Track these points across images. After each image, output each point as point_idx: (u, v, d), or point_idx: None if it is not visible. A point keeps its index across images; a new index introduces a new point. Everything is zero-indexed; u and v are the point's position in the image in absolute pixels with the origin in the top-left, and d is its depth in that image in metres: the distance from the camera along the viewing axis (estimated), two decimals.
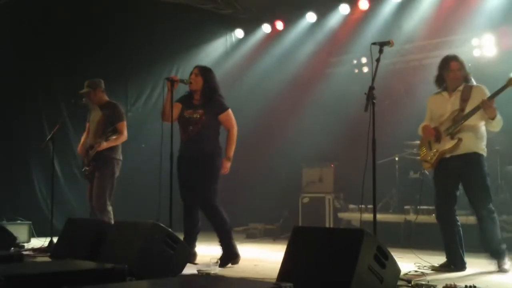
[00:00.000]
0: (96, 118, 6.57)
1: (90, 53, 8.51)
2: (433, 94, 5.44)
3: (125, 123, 6.51)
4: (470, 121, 5.06)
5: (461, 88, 5.18)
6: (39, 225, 7.59)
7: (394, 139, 7.86)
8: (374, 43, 4.63)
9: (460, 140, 5.06)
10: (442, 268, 5.12)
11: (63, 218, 6.67)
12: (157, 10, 8.96)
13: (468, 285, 3.88)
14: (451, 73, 5.19)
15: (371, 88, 4.46)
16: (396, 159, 7.94)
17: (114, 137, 6.33)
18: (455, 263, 5.14)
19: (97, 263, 4.22)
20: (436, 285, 4.02)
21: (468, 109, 5.05)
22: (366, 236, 3.51)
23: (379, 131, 4.48)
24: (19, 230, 7.22)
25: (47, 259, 5.48)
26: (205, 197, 5.50)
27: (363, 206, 6.58)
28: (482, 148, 5.13)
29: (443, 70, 5.25)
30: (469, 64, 7.43)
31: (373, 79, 4.53)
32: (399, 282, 3.92)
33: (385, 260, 3.58)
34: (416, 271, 4.89)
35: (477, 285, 3.87)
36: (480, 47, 8.14)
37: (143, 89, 9.42)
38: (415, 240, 6.88)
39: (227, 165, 5.57)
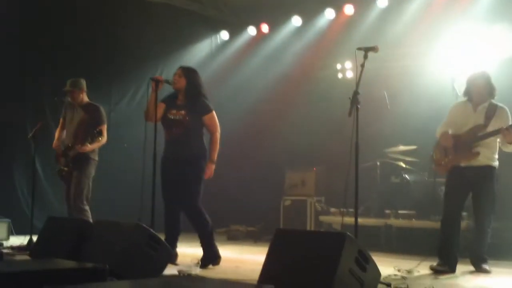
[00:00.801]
0: (76, 118, 6.55)
1: (74, 53, 8.45)
2: (459, 102, 5.71)
3: (105, 126, 6.55)
4: (488, 140, 5.35)
5: (486, 104, 5.44)
6: (19, 223, 7.52)
7: (376, 144, 7.92)
8: (359, 48, 4.67)
9: (478, 153, 5.34)
10: (441, 268, 5.26)
11: (43, 216, 6.61)
12: (142, 10, 8.93)
13: None
14: (476, 90, 5.46)
15: (356, 93, 4.50)
16: (378, 163, 7.99)
17: (99, 139, 6.34)
18: (453, 265, 5.32)
19: (77, 262, 4.19)
20: None
21: (490, 127, 5.32)
22: (347, 240, 3.55)
23: (362, 136, 4.52)
24: None
25: (26, 257, 5.43)
26: (188, 199, 5.50)
27: (344, 209, 6.64)
28: (495, 160, 5.45)
29: (471, 86, 5.51)
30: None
31: (357, 84, 4.57)
32: (379, 286, 3.95)
33: (366, 264, 3.62)
34: (396, 275, 4.93)
35: None
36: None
37: (127, 89, 9.37)
38: (396, 244, 6.94)
39: (211, 168, 5.55)
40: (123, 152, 8.71)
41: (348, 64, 9.31)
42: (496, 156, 5.44)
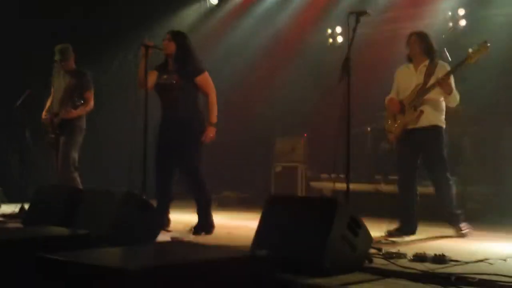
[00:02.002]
0: (63, 85, 6.52)
1: (60, 19, 8.32)
2: (401, 66, 5.63)
3: (92, 92, 6.50)
4: (431, 95, 5.29)
5: (426, 63, 5.38)
6: (10, 192, 7.50)
7: (367, 109, 7.92)
8: (351, 13, 4.62)
9: (421, 112, 5.28)
10: (396, 232, 5.33)
11: (34, 184, 6.60)
12: None
13: (438, 254, 3.96)
14: (410, 47, 5.44)
15: (347, 58, 4.47)
16: (369, 129, 8.01)
17: (82, 105, 6.29)
18: (409, 227, 5.40)
19: (70, 229, 4.19)
20: (406, 253, 4.10)
21: (430, 83, 5.26)
22: (339, 205, 3.56)
23: (353, 101, 4.50)
24: None
25: (18, 225, 5.43)
26: (189, 163, 5.47)
27: (335, 175, 6.65)
28: (442, 120, 5.40)
29: (407, 45, 5.48)
30: (443, 36, 7.53)
31: (349, 49, 4.53)
32: (371, 251, 3.99)
33: (358, 229, 3.64)
34: (386, 240, 4.98)
35: (446, 254, 3.96)
36: (453, 19, 8.21)
37: (115, 55, 9.27)
38: (386, 209, 6.99)
39: (212, 131, 5.49)
40: (113, 119, 8.66)
41: (339, 29, 9.24)
42: (443, 116, 5.40)
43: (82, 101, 6.29)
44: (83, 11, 8.57)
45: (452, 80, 5.26)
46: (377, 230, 5.34)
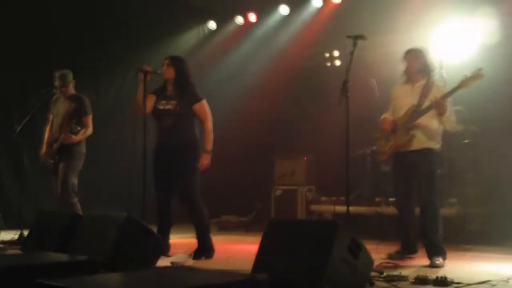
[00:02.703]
0: (63, 110, 6.55)
1: (59, 43, 8.37)
2: (397, 84, 5.51)
3: (91, 116, 6.54)
4: (425, 118, 5.14)
5: (423, 82, 5.24)
6: (9, 218, 7.46)
7: (366, 132, 7.93)
8: (348, 37, 4.66)
9: (413, 136, 5.16)
10: (397, 255, 5.28)
11: (33, 210, 6.59)
12: (128, 1, 8.86)
13: (440, 276, 3.94)
14: (409, 69, 5.29)
15: (346, 82, 4.50)
16: (368, 151, 8.01)
17: (81, 131, 6.34)
18: (410, 249, 5.35)
19: (69, 255, 4.17)
20: (407, 276, 4.09)
21: (425, 105, 5.12)
22: (339, 228, 3.55)
23: (352, 123, 4.52)
24: None
25: (18, 251, 5.40)
26: (185, 191, 5.47)
27: (335, 198, 6.66)
28: (435, 143, 5.24)
29: (405, 64, 5.34)
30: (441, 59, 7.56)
31: (347, 72, 4.56)
32: (372, 273, 3.97)
33: (358, 251, 3.62)
34: (388, 262, 4.95)
35: (448, 276, 3.94)
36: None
37: (113, 80, 9.31)
38: (386, 232, 6.96)
39: (206, 159, 5.50)
40: (112, 143, 8.66)
41: (336, 53, 9.31)
42: (437, 138, 5.24)
43: (80, 127, 6.31)
44: (82, 35, 8.60)
45: (448, 103, 5.11)
46: (378, 253, 5.32)
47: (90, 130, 6.51)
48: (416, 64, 5.25)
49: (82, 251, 4.22)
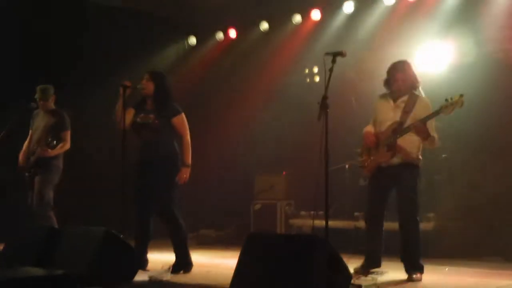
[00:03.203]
0: (41, 124, 6.58)
1: (40, 57, 8.33)
2: (380, 96, 5.50)
3: (69, 132, 6.58)
4: (407, 136, 5.14)
5: (405, 98, 5.23)
6: None
7: (345, 147, 7.99)
8: (327, 53, 4.70)
9: (394, 153, 5.17)
10: (363, 269, 5.26)
11: (8, 224, 6.50)
12: (108, 15, 8.85)
13: None
14: (395, 84, 5.27)
15: (324, 97, 4.54)
16: (347, 166, 8.07)
17: (59, 145, 6.39)
18: (373, 262, 5.32)
19: (46, 270, 4.14)
20: None
21: (408, 122, 5.11)
22: (318, 242, 3.58)
23: (331, 139, 4.56)
24: None
25: None
26: (162, 204, 5.46)
27: (314, 212, 6.66)
28: (416, 157, 5.25)
29: (390, 78, 5.31)
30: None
31: (326, 88, 4.61)
32: None
33: (337, 266, 3.65)
34: (366, 276, 4.98)
35: None
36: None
37: (93, 94, 9.25)
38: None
39: (186, 172, 5.51)
40: (92, 157, 8.60)
41: (316, 69, 9.39)
42: (418, 153, 5.25)
43: (56, 141, 6.34)
44: (63, 49, 8.57)
45: (432, 123, 5.11)
46: (353, 266, 5.35)
47: (67, 145, 6.54)
48: (404, 77, 5.23)
49: (60, 265, 4.19)
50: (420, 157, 5.32)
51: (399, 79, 5.24)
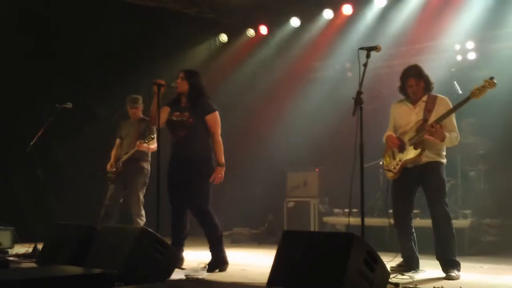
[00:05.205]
0: (132, 131, 6.98)
1: (72, 58, 8.44)
2: (396, 102, 5.48)
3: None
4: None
5: (425, 98, 5.25)
6: (22, 231, 7.49)
7: (379, 143, 7.90)
8: (361, 48, 4.66)
9: (423, 150, 5.12)
10: (400, 268, 5.22)
11: (46, 224, 6.60)
12: (141, 14, 8.91)
13: None
14: (409, 89, 5.27)
15: (359, 93, 4.49)
16: (381, 163, 7.97)
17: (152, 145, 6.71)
18: (411, 264, 5.27)
19: (84, 268, 4.18)
20: None
21: (431, 119, 5.08)
22: (356, 240, 3.54)
23: (365, 135, 4.50)
24: (2, 236, 7.12)
25: (32, 265, 5.42)
26: (197, 202, 5.46)
27: (348, 210, 6.62)
28: (442, 157, 5.22)
29: (404, 84, 5.32)
30: (452, 69, 7.58)
31: (360, 84, 4.56)
32: (388, 286, 3.94)
33: (374, 264, 3.61)
34: (403, 274, 4.92)
35: None
36: (462, 52, 8.29)
37: (127, 93, 9.33)
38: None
39: (220, 172, 5.49)
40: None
41: (348, 64, 9.32)
42: (444, 153, 5.21)
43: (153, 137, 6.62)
44: (95, 49, 8.65)
45: (453, 118, 5.11)
46: (392, 265, 5.29)
47: (154, 147, 6.66)
48: (417, 81, 5.23)
49: (97, 264, 4.23)
50: (445, 157, 5.25)
51: (414, 84, 5.24)
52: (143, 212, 6.81)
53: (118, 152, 7.03)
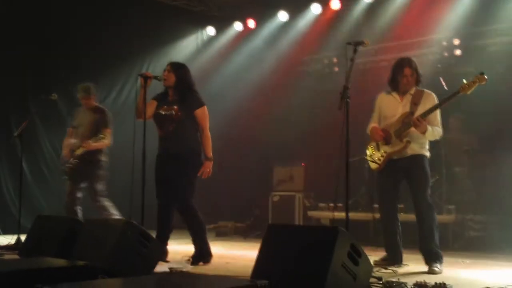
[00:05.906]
0: (85, 121, 6.78)
1: (59, 49, 8.37)
2: (383, 93, 5.50)
3: (110, 129, 6.76)
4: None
5: (412, 92, 5.27)
6: (5, 223, 7.45)
7: (364, 138, 7.93)
8: (349, 43, 4.66)
9: (408, 142, 5.16)
10: (384, 262, 5.25)
11: (30, 216, 6.57)
12: (128, 5, 8.86)
13: (438, 282, 3.94)
14: (404, 79, 5.26)
15: (346, 87, 4.50)
16: (366, 157, 8.00)
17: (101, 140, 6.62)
18: (395, 258, 5.30)
19: (68, 260, 4.16)
20: (406, 283, 4.08)
21: (418, 113, 5.12)
22: (340, 234, 3.55)
23: (350, 130, 4.51)
24: None
25: (15, 256, 5.38)
26: (182, 196, 5.44)
27: (333, 204, 6.65)
28: (426, 150, 5.28)
29: (397, 74, 5.31)
30: (439, 65, 7.62)
31: (347, 78, 4.56)
32: (370, 280, 3.96)
33: (358, 257, 3.63)
34: (386, 268, 4.95)
35: (446, 282, 3.94)
36: (448, 49, 8.32)
37: (113, 85, 9.30)
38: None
39: (208, 166, 5.47)
40: (112, 149, 8.65)
41: (335, 59, 9.33)
42: (427, 146, 5.27)
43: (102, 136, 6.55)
44: (82, 42, 8.59)
45: (438, 114, 5.16)
46: (376, 259, 5.32)
47: (107, 142, 6.69)
48: (412, 72, 5.25)
49: (81, 256, 4.21)
50: (428, 151, 5.30)
51: (408, 74, 5.25)
52: (106, 202, 6.71)
53: (71, 142, 6.83)
